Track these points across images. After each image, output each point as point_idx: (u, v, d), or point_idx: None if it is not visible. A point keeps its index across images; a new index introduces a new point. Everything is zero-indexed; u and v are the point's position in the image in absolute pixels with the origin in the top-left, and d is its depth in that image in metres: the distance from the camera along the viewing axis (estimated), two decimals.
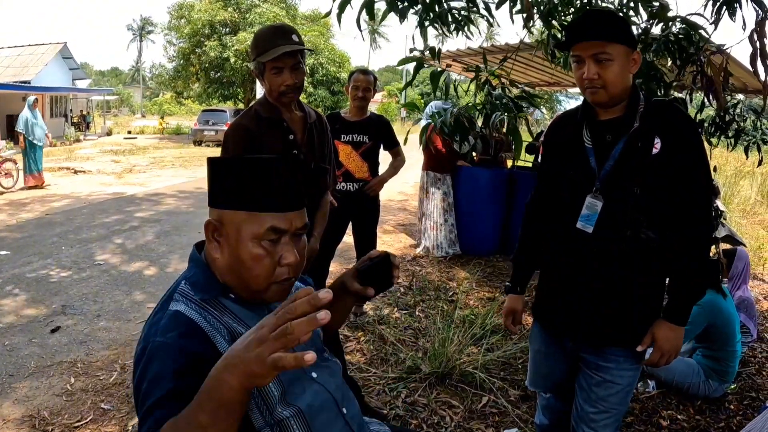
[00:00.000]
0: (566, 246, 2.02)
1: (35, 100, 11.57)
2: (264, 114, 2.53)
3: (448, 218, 6.59)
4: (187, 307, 1.19)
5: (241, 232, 1.21)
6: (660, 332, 1.90)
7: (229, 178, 1.22)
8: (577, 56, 1.85)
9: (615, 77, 1.80)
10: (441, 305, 4.74)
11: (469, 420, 3.13)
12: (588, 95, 1.88)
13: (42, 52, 26.92)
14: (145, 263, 6.03)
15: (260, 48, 2.41)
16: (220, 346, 1.16)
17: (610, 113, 1.91)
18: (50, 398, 3.29)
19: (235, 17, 28.53)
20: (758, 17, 2.59)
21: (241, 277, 1.24)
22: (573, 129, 2.01)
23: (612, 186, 1.89)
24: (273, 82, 2.45)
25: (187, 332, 1.14)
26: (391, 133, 4.23)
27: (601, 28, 1.79)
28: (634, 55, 1.85)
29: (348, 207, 4.06)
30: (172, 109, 47.35)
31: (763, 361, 4.14)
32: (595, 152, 1.93)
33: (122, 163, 16.07)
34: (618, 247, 1.89)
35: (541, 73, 7.63)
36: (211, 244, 1.26)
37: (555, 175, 2.09)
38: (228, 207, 1.23)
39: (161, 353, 1.10)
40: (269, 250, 1.22)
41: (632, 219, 1.85)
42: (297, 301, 0.89)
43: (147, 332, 1.18)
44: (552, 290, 2.12)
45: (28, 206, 9.01)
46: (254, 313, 1.27)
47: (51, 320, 4.38)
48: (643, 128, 1.85)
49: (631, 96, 1.89)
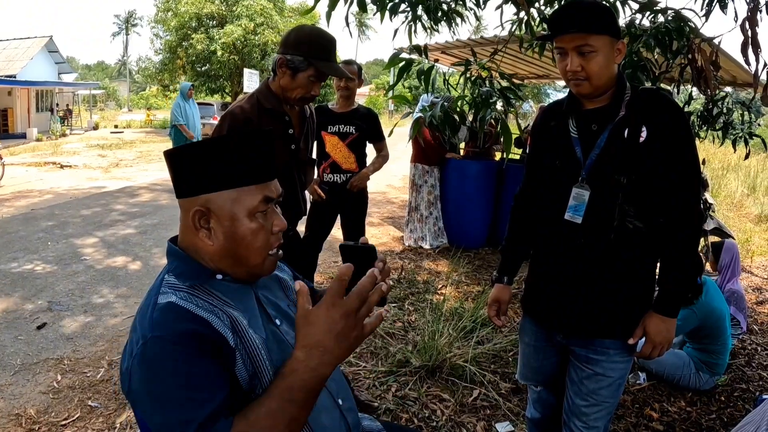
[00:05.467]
0: (555, 237, 2.00)
1: (191, 86, 9.99)
2: (266, 105, 2.48)
3: (434, 211, 6.59)
4: (179, 298, 1.17)
5: (234, 210, 1.20)
6: (651, 324, 1.88)
7: (213, 160, 1.19)
8: (560, 48, 1.83)
9: (599, 69, 1.78)
10: (430, 298, 4.73)
11: (460, 413, 3.12)
12: (572, 87, 1.87)
13: (27, 46, 26.63)
14: (130, 258, 5.98)
15: (315, 52, 2.36)
16: (220, 329, 1.14)
17: (595, 103, 1.90)
18: (37, 396, 3.24)
19: (222, 10, 28.39)
20: (750, 5, 2.58)
21: (239, 256, 1.23)
22: (559, 119, 1.99)
23: (598, 175, 1.87)
24: (303, 85, 2.40)
25: (182, 318, 1.12)
26: (377, 127, 4.19)
27: (583, 19, 1.75)
28: (619, 45, 1.82)
29: (336, 199, 4.03)
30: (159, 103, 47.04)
31: (753, 352, 4.17)
32: (581, 142, 1.92)
33: (109, 158, 15.92)
34: (606, 238, 1.87)
35: (529, 66, 7.63)
36: (199, 233, 1.22)
37: (542, 166, 2.07)
38: (215, 189, 1.20)
39: (166, 349, 1.08)
40: (262, 222, 1.23)
41: (620, 209, 1.83)
42: (367, 283, 1.03)
43: (140, 329, 1.14)
44: (541, 282, 2.09)
45: (13, 201, 8.91)
46: (240, 294, 1.26)
47: (37, 317, 4.33)
48: (629, 117, 1.83)
49: (617, 85, 1.87)
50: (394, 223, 7.95)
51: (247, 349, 1.17)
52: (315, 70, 2.36)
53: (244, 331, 1.19)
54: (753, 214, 9.98)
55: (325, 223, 4.14)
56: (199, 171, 1.20)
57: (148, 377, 1.07)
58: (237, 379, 1.14)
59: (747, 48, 2.60)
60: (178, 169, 1.23)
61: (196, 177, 1.21)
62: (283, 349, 1.26)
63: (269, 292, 1.37)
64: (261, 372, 1.18)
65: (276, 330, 1.30)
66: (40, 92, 26.35)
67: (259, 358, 1.19)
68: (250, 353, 1.18)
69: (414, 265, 5.86)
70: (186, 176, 1.22)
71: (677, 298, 1.89)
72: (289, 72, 2.39)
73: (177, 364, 1.06)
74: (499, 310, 2.26)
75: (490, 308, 2.27)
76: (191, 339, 1.09)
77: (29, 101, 24.96)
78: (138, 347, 1.09)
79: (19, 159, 14.96)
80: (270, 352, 1.22)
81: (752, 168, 13.10)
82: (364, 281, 1.03)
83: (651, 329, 1.89)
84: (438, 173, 6.59)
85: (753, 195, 11.48)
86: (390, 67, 2.81)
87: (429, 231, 6.59)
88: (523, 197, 2.23)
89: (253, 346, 1.19)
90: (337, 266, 5.69)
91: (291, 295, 1.44)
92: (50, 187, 10.40)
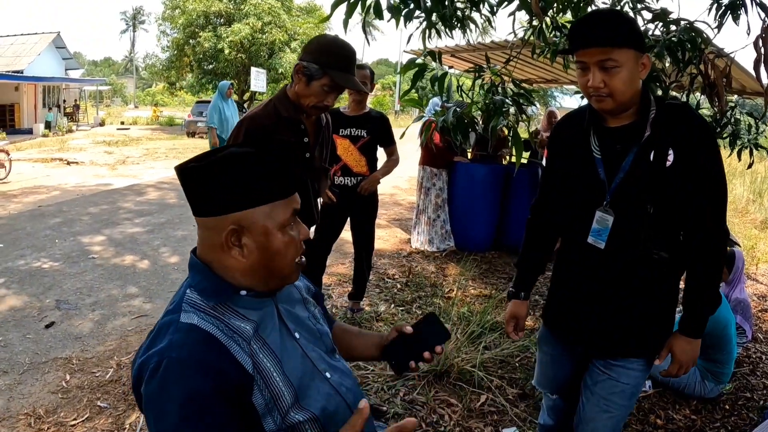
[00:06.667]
0: (578, 258, 1.95)
1: (230, 86, 9.65)
2: (283, 113, 2.48)
3: (441, 214, 6.59)
4: (201, 319, 1.17)
5: (268, 225, 1.20)
6: (677, 346, 1.88)
7: (244, 177, 1.18)
8: (582, 63, 1.72)
9: (623, 85, 1.68)
10: (437, 302, 4.74)
11: (467, 419, 3.13)
12: (594, 103, 1.77)
13: (35, 42, 26.67)
14: (138, 256, 6.00)
15: (332, 60, 2.36)
16: (238, 356, 1.15)
17: (619, 120, 1.80)
18: (46, 396, 3.26)
19: (230, 8, 28.43)
20: (764, 24, 2.58)
21: (272, 269, 1.24)
22: (579, 134, 1.90)
23: (623, 200, 1.79)
24: (317, 93, 2.40)
25: (205, 347, 1.13)
26: (388, 131, 4.21)
27: (607, 32, 1.65)
28: (644, 60, 1.72)
29: (346, 202, 4.04)
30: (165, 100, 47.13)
31: (758, 361, 4.17)
32: (604, 163, 1.82)
33: (115, 155, 15.96)
34: (631, 264, 1.82)
35: (539, 70, 7.62)
36: (231, 251, 1.20)
37: (561, 182, 2.00)
38: (248, 206, 1.19)
39: (181, 371, 1.08)
40: (293, 234, 1.25)
41: (645, 237, 1.78)
42: None
43: (159, 344, 1.14)
44: (563, 299, 2.06)
45: (20, 198, 8.94)
46: (258, 308, 1.26)
47: (45, 315, 4.35)
48: (655, 137, 1.73)
49: (642, 101, 1.76)
50: (401, 225, 7.96)
51: (263, 376, 1.18)
52: (329, 79, 2.36)
53: (259, 357, 1.19)
54: (758, 219, 9.96)
55: (335, 226, 4.17)
56: (232, 188, 1.18)
57: (158, 394, 1.08)
58: (253, 406, 1.16)
59: (760, 65, 2.60)
60: (204, 186, 1.19)
61: (229, 194, 1.18)
62: (303, 363, 1.28)
63: (288, 304, 1.37)
64: (277, 396, 1.19)
65: (296, 344, 1.31)
66: (47, 88, 26.41)
67: (274, 383, 1.19)
68: (266, 379, 1.18)
69: (421, 268, 5.87)
70: (215, 194, 1.18)
71: (702, 319, 1.87)
72: (304, 79, 2.40)
73: (190, 393, 1.07)
74: (517, 326, 2.23)
75: (508, 324, 2.23)
76: (209, 374, 1.09)
77: (36, 97, 25.02)
78: (153, 362, 1.10)
79: (26, 155, 15.00)
80: (286, 366, 1.23)
81: (759, 174, 13.05)
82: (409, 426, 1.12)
83: (677, 350, 1.88)
84: (446, 176, 6.59)
85: (759, 200, 11.44)
86: (405, 72, 2.81)
87: (436, 234, 6.59)
88: (540, 209, 2.17)
89: (268, 373, 1.19)
90: (344, 267, 5.70)
91: (309, 307, 1.45)
92: (57, 184, 10.43)
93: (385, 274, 5.63)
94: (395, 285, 5.27)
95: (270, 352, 1.22)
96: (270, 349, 1.22)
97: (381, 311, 4.53)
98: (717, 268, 1.82)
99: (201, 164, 1.18)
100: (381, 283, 5.33)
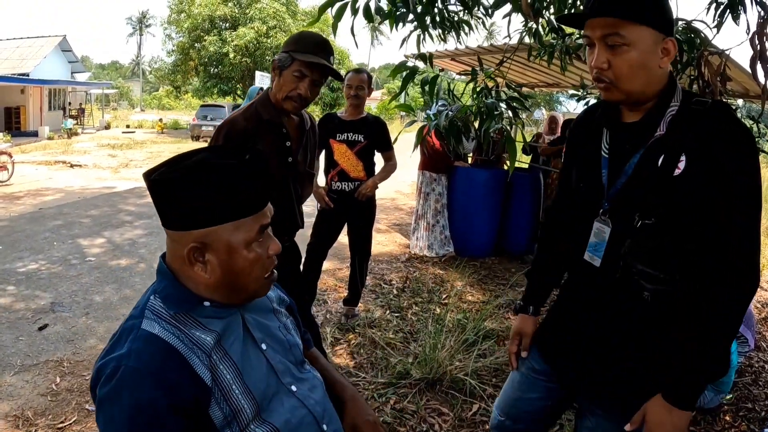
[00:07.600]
0: (575, 278, 1.67)
1: (259, 90, 9.50)
2: (264, 116, 2.44)
3: (440, 219, 6.55)
4: (162, 329, 1.13)
5: (232, 243, 1.15)
6: (654, 414, 1.40)
7: (209, 193, 1.12)
8: (587, 37, 1.43)
9: (629, 69, 1.37)
10: (433, 308, 4.69)
11: (458, 428, 3.08)
12: (600, 91, 1.46)
13: (41, 45, 26.86)
14: (135, 259, 5.98)
15: (299, 46, 2.36)
16: (197, 368, 1.12)
17: (635, 115, 1.48)
18: (35, 398, 3.23)
19: (235, 12, 28.57)
20: (760, 20, 2.54)
21: (237, 286, 1.20)
22: (594, 131, 1.60)
23: (621, 208, 1.48)
24: (288, 82, 2.37)
25: (162, 358, 1.09)
26: (386, 136, 4.18)
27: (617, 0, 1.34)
28: (666, 44, 1.38)
29: (343, 207, 4.01)
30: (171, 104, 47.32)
31: (760, 370, 4.10)
32: (609, 164, 1.52)
33: (119, 158, 16.00)
34: (627, 289, 1.47)
35: (539, 74, 7.57)
36: (194, 267, 1.17)
37: (571, 185, 1.71)
38: (212, 224, 1.14)
39: (136, 380, 1.06)
40: (259, 252, 1.19)
41: (629, 252, 1.45)
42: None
43: (118, 350, 1.11)
44: (556, 323, 1.76)
45: (22, 200, 8.95)
46: (221, 317, 1.21)
47: (39, 317, 4.33)
48: (668, 139, 1.40)
49: (663, 94, 1.43)
50: (401, 230, 7.92)
51: (221, 389, 1.15)
52: (298, 63, 2.34)
53: (219, 369, 1.16)
54: (762, 224, 9.86)
55: (332, 231, 4.14)
56: (195, 204, 1.13)
57: (110, 401, 1.06)
58: (210, 419, 1.12)
59: (756, 62, 2.56)
60: (168, 200, 1.15)
61: (192, 210, 1.13)
62: (267, 375, 1.24)
63: (257, 313, 1.33)
64: (237, 409, 1.16)
65: (261, 355, 1.27)
66: (53, 91, 26.54)
67: (233, 396, 1.16)
68: (224, 392, 1.15)
69: (419, 274, 5.83)
70: (178, 209, 1.14)
71: (698, 386, 1.38)
72: (277, 72, 2.40)
73: (140, 404, 1.04)
74: (521, 344, 1.87)
75: (512, 343, 1.88)
76: (163, 386, 1.06)
77: (41, 100, 25.14)
78: (111, 368, 1.08)
79: (30, 157, 15.07)
80: (248, 378, 1.19)
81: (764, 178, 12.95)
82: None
83: (652, 419, 1.40)
84: (446, 181, 6.55)
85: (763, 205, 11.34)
86: (395, 74, 2.78)
87: (435, 239, 6.55)
88: (555, 216, 1.89)
89: (227, 385, 1.16)
90: (341, 272, 5.66)
91: (281, 317, 1.41)
92: (60, 187, 10.44)
93: (382, 279, 5.59)
94: (392, 290, 5.22)
95: (231, 363, 1.18)
96: (231, 360, 1.18)
97: (376, 317, 4.48)
98: (733, 319, 1.36)
99: (164, 177, 1.13)
100: (378, 288, 5.28)
